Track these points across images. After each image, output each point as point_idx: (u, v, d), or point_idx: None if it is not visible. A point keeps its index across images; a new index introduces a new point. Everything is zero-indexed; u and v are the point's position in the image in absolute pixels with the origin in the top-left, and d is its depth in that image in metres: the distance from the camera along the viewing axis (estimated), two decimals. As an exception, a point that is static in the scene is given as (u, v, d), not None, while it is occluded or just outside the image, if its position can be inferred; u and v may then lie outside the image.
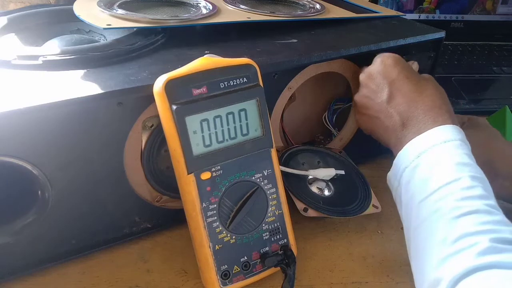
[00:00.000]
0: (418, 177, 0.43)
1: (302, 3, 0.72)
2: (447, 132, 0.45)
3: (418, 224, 0.41)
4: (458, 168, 0.42)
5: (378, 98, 0.51)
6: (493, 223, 0.37)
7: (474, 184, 0.40)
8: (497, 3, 1.03)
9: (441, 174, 0.42)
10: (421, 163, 0.44)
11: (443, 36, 0.64)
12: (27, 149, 0.43)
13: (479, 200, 0.39)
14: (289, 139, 0.63)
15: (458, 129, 0.45)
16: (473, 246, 0.36)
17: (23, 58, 0.47)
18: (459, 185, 0.40)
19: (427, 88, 0.50)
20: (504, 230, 0.37)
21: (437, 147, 0.44)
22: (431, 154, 0.44)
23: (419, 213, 0.42)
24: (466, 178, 0.41)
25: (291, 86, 0.57)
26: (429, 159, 0.44)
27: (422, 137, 0.46)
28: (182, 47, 0.55)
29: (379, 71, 0.53)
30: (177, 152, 0.43)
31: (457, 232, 0.37)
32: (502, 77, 0.94)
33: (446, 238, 0.38)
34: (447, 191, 0.40)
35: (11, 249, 0.46)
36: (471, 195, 0.40)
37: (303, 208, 0.54)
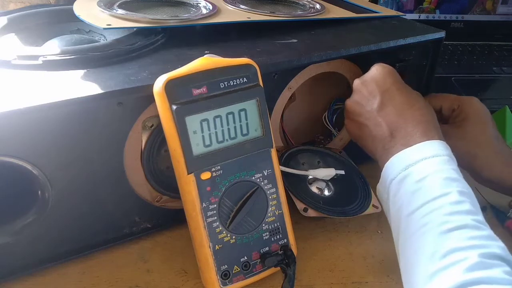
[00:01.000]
0: (406, 189, 0.44)
1: (302, 3, 0.72)
2: (435, 147, 0.45)
3: (406, 238, 0.42)
4: (446, 183, 0.42)
5: (369, 105, 0.51)
6: (482, 238, 0.38)
7: (462, 199, 0.41)
8: (497, 3, 1.03)
9: (429, 188, 0.42)
10: (409, 175, 0.44)
11: (443, 36, 0.64)
12: (27, 149, 0.43)
13: (467, 215, 0.40)
14: (289, 139, 0.63)
15: (445, 145, 0.46)
16: (462, 261, 0.36)
17: (23, 58, 0.47)
18: (447, 199, 0.41)
19: (417, 102, 0.50)
20: (492, 245, 0.37)
21: (426, 161, 0.44)
22: (419, 167, 0.44)
23: (407, 227, 0.42)
24: (454, 193, 0.41)
25: (291, 86, 0.58)
26: (417, 172, 0.44)
27: (411, 150, 0.46)
28: (182, 47, 0.55)
29: (373, 79, 0.53)
30: (177, 152, 0.43)
31: (445, 247, 0.38)
32: (502, 77, 0.94)
33: (434, 253, 0.38)
34: (436, 205, 0.41)
35: (11, 249, 0.46)
36: (459, 210, 0.40)
37: (303, 208, 0.54)
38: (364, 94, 0.53)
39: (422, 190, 0.42)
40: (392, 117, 0.49)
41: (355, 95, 0.54)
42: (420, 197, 0.42)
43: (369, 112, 0.51)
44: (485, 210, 0.62)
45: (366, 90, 0.53)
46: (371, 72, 0.54)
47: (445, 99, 0.58)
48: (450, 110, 0.57)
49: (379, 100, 0.51)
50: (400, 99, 0.50)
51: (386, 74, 0.52)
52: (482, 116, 0.56)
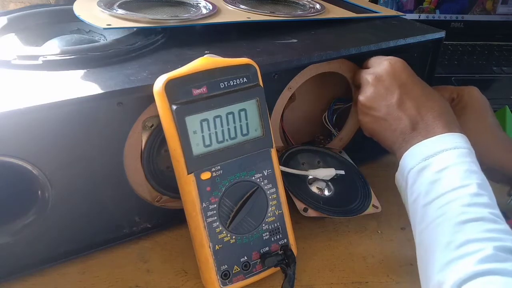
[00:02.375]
0: (425, 179, 0.44)
1: (302, 3, 0.72)
2: (456, 139, 0.46)
3: (423, 227, 0.42)
4: (466, 175, 0.42)
5: (388, 100, 0.51)
6: (498, 232, 0.38)
7: (481, 192, 0.41)
8: (497, 3, 1.03)
9: (449, 179, 0.42)
10: (429, 165, 0.44)
11: (443, 36, 0.64)
12: (27, 149, 0.43)
13: (485, 208, 0.40)
14: (289, 139, 0.63)
15: (465, 138, 0.46)
16: (477, 252, 0.36)
17: (23, 58, 0.47)
18: (466, 191, 0.41)
19: (433, 95, 0.51)
20: (508, 239, 0.38)
21: (446, 152, 0.44)
22: (440, 158, 0.44)
23: (425, 216, 0.42)
24: (473, 185, 0.41)
25: (291, 86, 0.57)
26: (437, 162, 0.44)
27: (431, 140, 0.46)
28: (182, 47, 0.55)
29: (388, 73, 0.52)
30: (177, 152, 0.43)
31: (462, 237, 0.38)
32: (502, 77, 0.94)
33: (450, 242, 0.38)
34: (454, 196, 0.41)
35: (11, 249, 0.46)
36: (477, 202, 0.40)
37: (303, 208, 0.54)
38: (380, 89, 0.52)
39: (442, 181, 0.43)
40: (412, 111, 0.50)
41: (369, 91, 0.53)
42: (439, 187, 0.42)
43: (387, 106, 0.51)
44: None
45: (382, 85, 0.52)
46: (384, 66, 0.53)
47: (445, 90, 0.58)
48: (449, 99, 0.57)
49: (398, 95, 0.51)
50: (418, 92, 0.51)
51: (401, 68, 0.53)
52: (481, 105, 0.56)
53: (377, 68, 0.54)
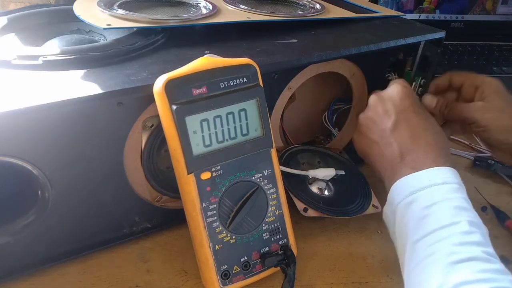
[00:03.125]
0: (412, 215, 0.42)
1: (302, 3, 0.72)
2: (445, 174, 0.44)
3: (412, 266, 0.40)
4: (456, 211, 0.41)
5: (383, 123, 0.50)
6: (492, 272, 0.36)
7: (472, 230, 0.39)
8: (497, 3, 1.03)
9: (437, 215, 0.41)
10: (416, 200, 0.43)
11: (443, 36, 0.64)
12: (27, 149, 0.43)
13: (477, 246, 0.38)
14: (289, 139, 0.63)
15: (455, 173, 0.45)
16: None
17: (23, 58, 0.47)
18: (456, 229, 0.39)
19: (433, 127, 0.49)
20: (503, 279, 0.36)
21: (434, 187, 0.43)
22: (427, 193, 0.42)
23: (414, 254, 0.40)
24: (464, 222, 0.39)
25: (291, 86, 0.57)
26: (425, 198, 0.42)
27: (420, 174, 0.44)
28: (182, 47, 0.55)
29: (390, 97, 0.51)
30: (177, 152, 0.43)
31: (454, 279, 0.36)
32: (502, 77, 0.94)
33: (442, 285, 0.36)
34: (444, 234, 0.39)
35: (11, 249, 0.46)
36: (469, 240, 0.38)
37: (303, 208, 0.54)
38: (379, 111, 0.51)
39: (430, 217, 0.41)
40: (405, 139, 0.48)
41: (369, 111, 0.53)
42: (428, 224, 0.40)
43: (382, 130, 0.50)
44: (485, 210, 0.62)
45: (382, 107, 0.51)
46: (389, 90, 0.52)
47: (468, 76, 0.57)
48: (473, 86, 0.55)
49: (394, 120, 0.49)
50: (415, 122, 0.49)
51: (405, 94, 0.51)
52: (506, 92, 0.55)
53: (384, 90, 0.53)
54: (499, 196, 0.64)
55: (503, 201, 0.63)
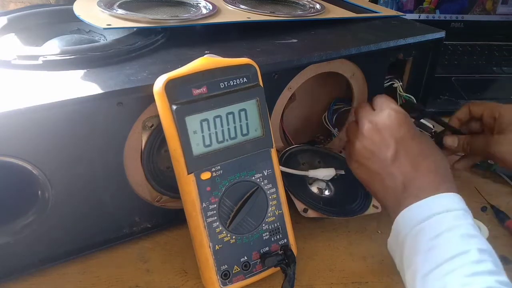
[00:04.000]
0: (420, 247, 0.41)
1: (302, 3, 0.72)
2: (449, 201, 0.43)
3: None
4: (464, 240, 0.39)
5: (382, 154, 0.48)
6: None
7: (483, 258, 0.38)
8: (497, 3, 1.03)
9: (445, 246, 0.39)
10: (422, 231, 0.41)
11: (443, 36, 0.64)
12: (27, 149, 0.43)
13: (489, 276, 0.36)
14: (289, 139, 0.63)
15: (460, 198, 0.43)
16: None
17: (23, 58, 0.47)
18: (466, 259, 0.38)
19: (432, 152, 0.48)
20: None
21: (439, 216, 0.41)
22: (432, 223, 0.41)
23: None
24: (474, 251, 0.38)
25: (291, 86, 0.57)
26: (430, 228, 0.41)
27: (423, 203, 0.43)
28: (182, 47, 0.55)
29: (386, 126, 0.49)
30: (177, 152, 0.43)
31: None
32: (502, 77, 0.94)
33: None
34: (454, 266, 0.38)
35: (11, 249, 0.46)
36: (481, 270, 0.37)
37: (303, 208, 0.54)
38: (375, 141, 0.49)
39: (438, 249, 0.39)
40: (406, 168, 0.46)
41: (365, 140, 0.50)
42: (436, 256, 0.39)
43: (382, 161, 0.48)
44: (485, 210, 0.62)
45: (379, 137, 0.49)
46: (383, 117, 0.50)
47: (486, 106, 0.57)
48: (491, 117, 0.56)
49: (394, 150, 0.48)
50: (415, 149, 0.48)
51: (401, 121, 0.49)
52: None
53: (377, 116, 0.50)
54: (499, 196, 0.64)
55: (503, 201, 0.63)
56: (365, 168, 0.50)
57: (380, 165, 0.48)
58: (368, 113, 0.51)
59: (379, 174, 0.48)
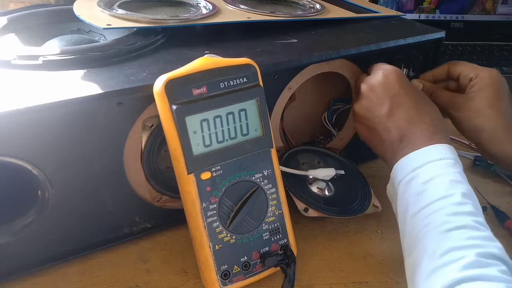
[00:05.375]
0: (412, 191, 0.45)
1: (302, 3, 0.72)
2: (442, 151, 0.46)
3: (411, 238, 0.43)
4: (451, 185, 0.43)
5: (378, 111, 0.52)
6: (480, 239, 0.39)
7: (464, 201, 0.42)
8: (497, 3, 1.03)
9: (434, 189, 0.43)
10: (415, 177, 0.45)
11: (443, 36, 0.64)
12: (27, 149, 0.43)
13: (468, 216, 0.41)
14: (289, 139, 0.63)
15: (451, 149, 0.47)
16: (459, 260, 0.37)
17: (23, 58, 0.47)
18: (450, 200, 0.42)
19: (425, 106, 0.51)
20: (490, 245, 0.38)
21: (432, 163, 0.45)
22: (426, 170, 0.45)
23: (412, 227, 0.43)
24: (457, 194, 0.42)
25: (291, 86, 0.57)
26: (423, 174, 0.45)
27: (418, 153, 0.47)
28: (182, 47, 0.55)
29: (380, 84, 0.53)
30: (177, 152, 0.43)
31: (445, 245, 0.39)
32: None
33: (434, 251, 0.39)
34: (439, 206, 0.42)
35: (11, 249, 0.46)
36: (461, 211, 0.41)
37: (304, 208, 0.54)
38: (372, 99, 0.53)
39: (427, 192, 0.43)
40: (401, 122, 0.50)
41: (363, 100, 0.54)
42: (425, 198, 0.43)
43: (378, 117, 0.52)
44: (485, 210, 0.62)
45: (374, 95, 0.53)
46: (378, 77, 0.53)
47: (465, 66, 0.58)
48: (467, 78, 0.57)
49: (388, 106, 0.51)
50: (408, 104, 0.51)
51: (394, 79, 0.53)
52: (499, 91, 0.55)
53: (372, 78, 0.54)
54: (499, 196, 0.64)
55: (503, 201, 0.63)
56: (365, 126, 0.54)
57: (377, 121, 0.52)
58: (365, 79, 0.55)
59: (376, 130, 0.52)
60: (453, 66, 0.59)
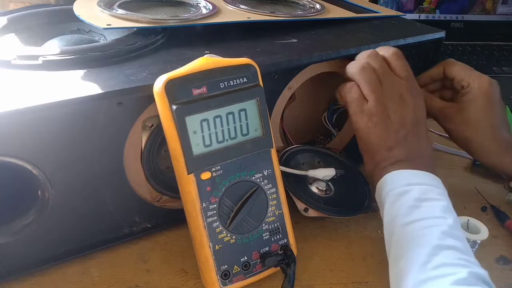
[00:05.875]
0: (404, 202, 0.46)
1: (302, 3, 0.72)
2: (436, 181, 0.48)
3: (400, 245, 0.43)
4: (446, 210, 0.45)
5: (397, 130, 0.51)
6: (471, 262, 0.40)
7: (456, 226, 0.44)
8: (497, 3, 1.03)
9: (429, 208, 0.45)
10: (410, 192, 0.46)
11: (443, 36, 0.64)
12: (27, 149, 0.43)
13: (460, 241, 0.42)
14: (289, 139, 0.63)
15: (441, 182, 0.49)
16: (451, 275, 0.38)
17: (23, 58, 0.47)
18: (446, 222, 0.43)
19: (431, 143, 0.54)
20: (480, 269, 0.40)
21: (429, 186, 0.47)
22: (421, 189, 0.46)
23: (403, 235, 0.44)
24: (451, 219, 0.44)
25: (291, 86, 0.58)
26: (418, 191, 0.46)
27: (417, 172, 0.48)
28: (182, 47, 0.55)
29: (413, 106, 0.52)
30: (177, 152, 0.43)
31: (439, 260, 0.40)
32: (502, 77, 0.94)
33: (427, 263, 0.40)
34: (435, 223, 0.43)
35: (11, 249, 0.46)
36: (455, 234, 0.43)
37: (304, 208, 0.54)
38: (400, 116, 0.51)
39: (422, 208, 0.45)
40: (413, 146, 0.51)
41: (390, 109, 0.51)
42: (420, 212, 0.44)
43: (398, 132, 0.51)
44: (485, 210, 0.62)
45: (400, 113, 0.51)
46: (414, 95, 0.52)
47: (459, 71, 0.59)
48: (460, 85, 0.58)
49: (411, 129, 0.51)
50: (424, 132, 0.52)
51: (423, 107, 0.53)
52: (487, 100, 0.57)
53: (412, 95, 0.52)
54: (499, 196, 0.64)
55: (503, 201, 0.63)
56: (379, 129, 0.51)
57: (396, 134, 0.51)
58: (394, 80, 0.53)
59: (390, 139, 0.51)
60: (449, 68, 0.60)
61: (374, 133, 0.51)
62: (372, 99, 0.51)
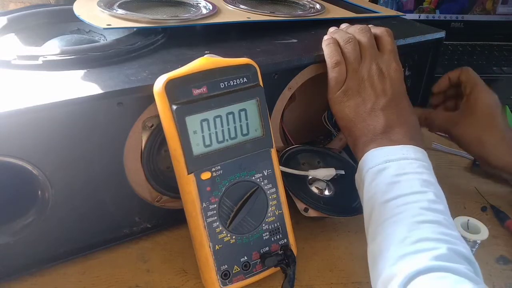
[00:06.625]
0: (383, 180, 0.45)
1: (302, 3, 0.72)
2: (418, 152, 0.48)
3: (379, 223, 0.43)
4: (425, 183, 0.44)
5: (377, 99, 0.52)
6: (452, 236, 0.40)
7: (437, 200, 0.43)
8: (497, 3, 1.03)
9: (407, 183, 0.44)
10: (388, 168, 0.46)
11: (443, 36, 0.64)
12: (27, 149, 0.43)
13: (441, 214, 0.42)
14: (289, 139, 0.63)
15: (426, 154, 0.48)
16: (431, 250, 0.38)
17: (23, 58, 0.47)
18: (424, 196, 0.43)
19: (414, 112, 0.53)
20: (460, 244, 0.40)
21: (407, 161, 0.46)
22: (400, 164, 0.46)
23: (381, 213, 0.44)
24: (431, 193, 0.44)
25: (291, 86, 0.57)
26: (396, 167, 0.46)
27: (396, 148, 0.48)
28: (182, 47, 0.55)
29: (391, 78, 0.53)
30: (177, 152, 0.43)
31: (418, 235, 0.40)
32: (502, 77, 0.94)
33: (406, 238, 0.40)
34: (413, 199, 0.43)
35: (11, 249, 0.46)
36: (434, 207, 0.42)
37: (304, 208, 0.54)
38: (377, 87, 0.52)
39: (401, 184, 0.44)
40: (392, 116, 0.51)
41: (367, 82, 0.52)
42: (398, 189, 0.44)
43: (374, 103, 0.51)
44: (485, 210, 0.62)
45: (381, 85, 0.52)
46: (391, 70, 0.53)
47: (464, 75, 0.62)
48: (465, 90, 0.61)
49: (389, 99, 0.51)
50: (404, 105, 0.52)
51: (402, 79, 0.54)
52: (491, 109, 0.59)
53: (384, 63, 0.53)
54: (499, 196, 0.64)
55: (503, 201, 0.63)
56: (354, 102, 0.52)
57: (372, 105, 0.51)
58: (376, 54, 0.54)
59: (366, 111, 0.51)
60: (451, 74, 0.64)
61: (349, 107, 0.53)
62: (350, 70, 0.53)
